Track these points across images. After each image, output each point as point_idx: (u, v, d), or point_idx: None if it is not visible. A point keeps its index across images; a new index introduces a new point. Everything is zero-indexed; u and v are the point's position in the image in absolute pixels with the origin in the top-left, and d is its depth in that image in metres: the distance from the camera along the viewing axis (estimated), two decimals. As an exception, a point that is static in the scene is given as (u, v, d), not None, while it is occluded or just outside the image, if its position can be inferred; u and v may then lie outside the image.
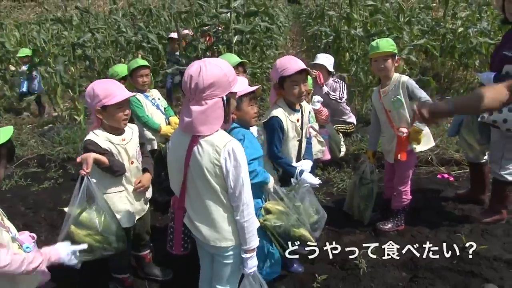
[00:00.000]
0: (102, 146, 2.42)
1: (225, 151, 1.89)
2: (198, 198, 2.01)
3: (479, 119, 3.33)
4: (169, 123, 3.96)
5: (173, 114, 4.06)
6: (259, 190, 2.49)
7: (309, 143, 3.03)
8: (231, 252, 2.08)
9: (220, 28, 7.35)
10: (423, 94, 3.19)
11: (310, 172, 2.78)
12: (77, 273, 3.11)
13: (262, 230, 2.49)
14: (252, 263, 2.07)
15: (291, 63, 2.64)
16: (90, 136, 2.44)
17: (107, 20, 8.19)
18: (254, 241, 2.03)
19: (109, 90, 2.38)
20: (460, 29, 7.76)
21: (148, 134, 3.88)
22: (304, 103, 2.89)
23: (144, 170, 2.73)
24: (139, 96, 3.73)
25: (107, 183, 2.49)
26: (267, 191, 2.57)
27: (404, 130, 3.23)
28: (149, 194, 2.81)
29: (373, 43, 3.29)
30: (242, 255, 2.05)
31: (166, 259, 3.06)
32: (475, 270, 2.97)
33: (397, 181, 3.46)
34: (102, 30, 7.82)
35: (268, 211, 2.51)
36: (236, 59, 3.54)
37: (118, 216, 2.47)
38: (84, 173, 2.23)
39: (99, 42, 7.60)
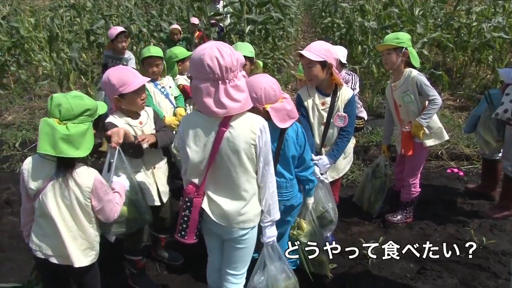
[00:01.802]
0: None
1: (258, 129, 1.95)
2: (226, 183, 2.01)
3: (493, 115, 3.32)
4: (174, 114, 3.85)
5: (183, 105, 4.01)
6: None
7: (344, 140, 2.96)
8: (247, 236, 2.11)
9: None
10: (431, 92, 3.15)
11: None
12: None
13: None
14: (271, 233, 2.16)
15: None
16: (110, 119, 2.47)
17: (119, 7, 8.20)
18: (277, 213, 2.15)
19: (125, 78, 2.40)
20: (474, 24, 7.67)
21: None
22: (344, 90, 2.90)
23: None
24: (148, 84, 3.66)
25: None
26: (306, 207, 2.67)
27: (407, 127, 3.24)
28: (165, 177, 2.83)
29: None
30: (262, 224, 2.13)
31: (176, 244, 3.10)
32: (483, 264, 3.00)
33: (407, 173, 3.47)
34: (114, 17, 7.84)
35: (299, 227, 2.66)
36: (250, 48, 3.53)
37: None
38: (116, 145, 2.24)
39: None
